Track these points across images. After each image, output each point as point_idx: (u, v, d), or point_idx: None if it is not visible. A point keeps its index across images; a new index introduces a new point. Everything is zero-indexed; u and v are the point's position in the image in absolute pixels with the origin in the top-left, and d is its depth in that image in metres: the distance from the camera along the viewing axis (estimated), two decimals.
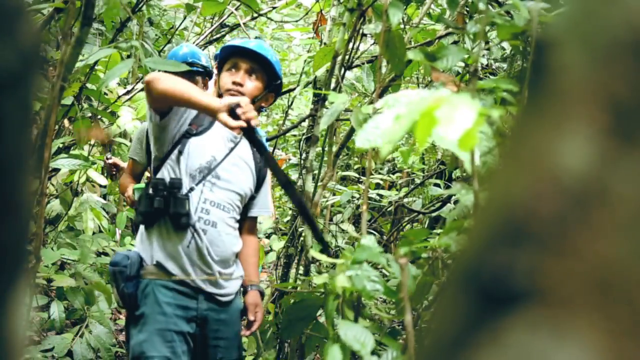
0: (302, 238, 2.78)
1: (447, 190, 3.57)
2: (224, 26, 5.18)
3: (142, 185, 2.71)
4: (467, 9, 2.43)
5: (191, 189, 2.42)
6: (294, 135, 5.35)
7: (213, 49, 5.69)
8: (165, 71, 3.20)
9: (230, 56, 2.53)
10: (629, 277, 0.24)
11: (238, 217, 2.58)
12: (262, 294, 2.65)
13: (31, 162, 0.44)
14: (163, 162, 2.47)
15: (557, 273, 0.26)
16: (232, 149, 2.54)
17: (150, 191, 2.41)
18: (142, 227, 2.52)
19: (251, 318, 2.55)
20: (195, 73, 3.21)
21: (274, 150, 4.64)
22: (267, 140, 4.54)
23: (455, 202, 2.91)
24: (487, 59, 3.28)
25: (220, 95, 2.49)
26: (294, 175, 4.74)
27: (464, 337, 0.28)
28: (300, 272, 2.82)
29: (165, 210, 2.38)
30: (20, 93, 0.37)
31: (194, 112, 2.49)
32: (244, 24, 4.58)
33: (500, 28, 2.15)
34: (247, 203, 2.62)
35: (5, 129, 0.36)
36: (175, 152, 2.44)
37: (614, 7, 0.27)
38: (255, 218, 2.75)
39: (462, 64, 2.46)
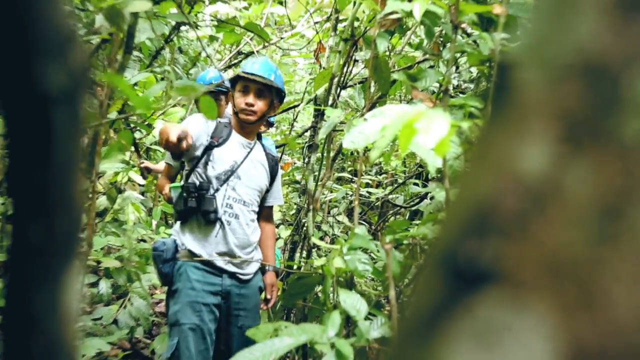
0: (304, 228, 2.78)
1: (424, 188, 3.57)
2: (241, 53, 5.19)
3: (177, 184, 2.73)
4: (441, 39, 2.42)
5: (217, 190, 2.46)
6: (299, 143, 5.35)
7: (232, 72, 5.69)
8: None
9: (241, 79, 2.56)
10: (578, 262, 0.24)
11: (257, 209, 2.62)
12: (277, 274, 2.72)
13: (82, 165, 0.43)
14: (192, 170, 2.51)
15: (517, 258, 0.26)
16: (248, 153, 2.57)
17: (184, 194, 2.47)
18: (178, 222, 2.57)
19: (268, 297, 2.63)
20: (220, 93, 3.22)
21: (281, 156, 4.64)
22: (277, 147, 4.53)
23: (431, 198, 2.90)
24: (457, 80, 3.28)
25: (235, 113, 2.58)
26: (298, 176, 4.73)
27: (440, 309, 0.27)
28: (304, 255, 2.82)
29: (197, 208, 2.43)
30: (71, 107, 0.37)
31: (212, 127, 2.54)
32: (257, 51, 4.58)
33: (470, 55, 2.14)
34: (264, 195, 2.66)
35: (58, 136, 0.36)
36: (202, 161, 2.48)
37: (567, 34, 0.27)
38: (271, 207, 2.78)
39: (437, 85, 2.46)
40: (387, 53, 2.56)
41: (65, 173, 0.37)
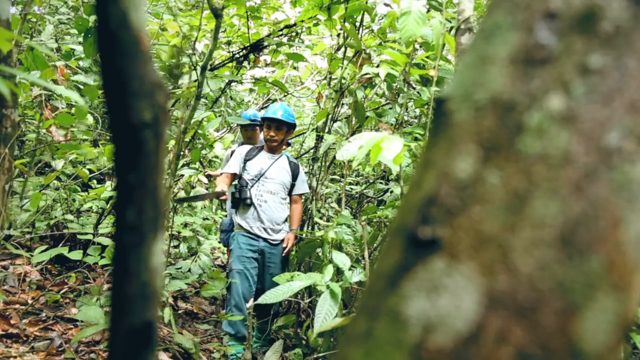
0: (309, 211, 2.76)
1: (386, 186, 3.55)
2: (269, 100, 5.18)
3: (233, 183, 2.74)
4: (397, 90, 2.41)
5: (252, 186, 2.49)
6: (306, 156, 5.33)
7: (263, 112, 5.66)
8: (240, 124, 3.21)
9: (266, 120, 2.59)
10: (495, 235, 0.22)
11: (285, 195, 2.57)
12: (295, 236, 2.68)
13: (168, 170, 0.43)
14: (237, 176, 2.58)
15: (452, 234, 0.24)
16: (273, 163, 2.57)
17: (234, 190, 2.56)
18: (233, 208, 2.66)
19: (284, 245, 2.57)
20: (255, 125, 3.18)
21: None
22: (294, 159, 4.47)
23: (391, 192, 2.89)
24: (407, 117, 3.26)
25: (266, 140, 2.58)
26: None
27: (398, 270, 0.26)
28: (310, 228, 2.79)
29: (239, 198, 2.49)
30: (156, 129, 0.35)
31: (246, 150, 2.59)
32: (279, 98, 4.57)
33: (415, 101, 2.13)
34: (292, 188, 2.61)
35: (146, 147, 0.34)
36: (243, 171, 2.56)
37: (485, 79, 0.25)
38: (298, 195, 2.67)
39: (395, 119, 2.44)
40: (363, 99, 2.55)
41: (151, 175, 0.35)
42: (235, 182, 2.66)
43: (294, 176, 2.66)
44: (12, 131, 1.59)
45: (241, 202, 2.50)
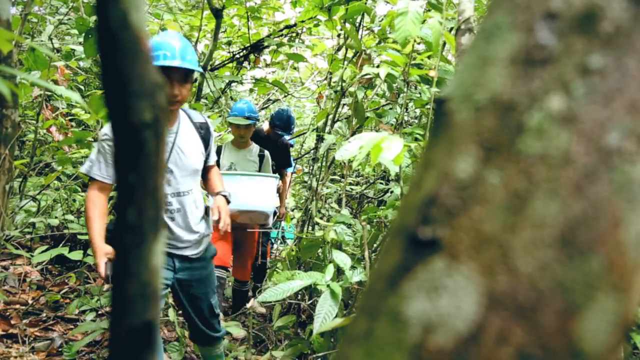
0: (310, 211, 2.76)
1: (387, 185, 3.55)
2: (269, 100, 5.18)
3: None
4: (397, 91, 2.42)
5: None
6: (307, 157, 5.33)
7: (263, 112, 5.67)
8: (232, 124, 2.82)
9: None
10: (495, 235, 0.23)
11: (198, 187, 1.71)
12: (227, 200, 1.70)
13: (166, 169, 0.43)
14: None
15: (452, 234, 0.24)
16: (172, 145, 1.57)
17: None
18: None
19: (215, 218, 1.62)
20: (253, 125, 3.02)
21: (295, 165, 4.61)
22: (295, 159, 4.49)
23: (391, 192, 2.89)
24: (407, 117, 3.26)
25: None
26: (306, 178, 4.71)
27: (398, 270, 0.26)
28: (310, 228, 2.79)
29: None
30: (156, 129, 0.35)
31: None
32: (279, 99, 4.58)
33: (415, 101, 2.14)
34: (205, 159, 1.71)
35: (146, 147, 0.35)
36: None
37: (485, 80, 0.25)
38: (212, 165, 1.76)
39: (395, 120, 2.45)
40: (363, 100, 2.56)
41: (151, 175, 0.35)
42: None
43: (206, 144, 1.69)
44: (12, 131, 1.60)
45: None
